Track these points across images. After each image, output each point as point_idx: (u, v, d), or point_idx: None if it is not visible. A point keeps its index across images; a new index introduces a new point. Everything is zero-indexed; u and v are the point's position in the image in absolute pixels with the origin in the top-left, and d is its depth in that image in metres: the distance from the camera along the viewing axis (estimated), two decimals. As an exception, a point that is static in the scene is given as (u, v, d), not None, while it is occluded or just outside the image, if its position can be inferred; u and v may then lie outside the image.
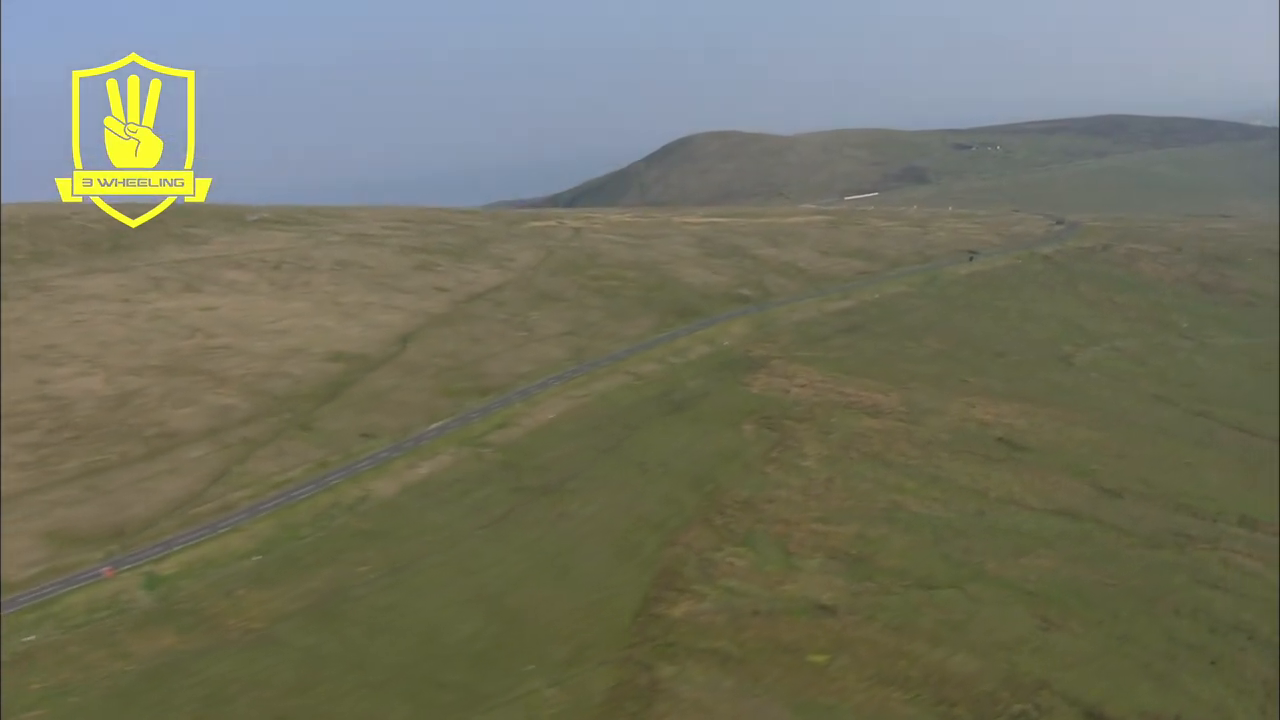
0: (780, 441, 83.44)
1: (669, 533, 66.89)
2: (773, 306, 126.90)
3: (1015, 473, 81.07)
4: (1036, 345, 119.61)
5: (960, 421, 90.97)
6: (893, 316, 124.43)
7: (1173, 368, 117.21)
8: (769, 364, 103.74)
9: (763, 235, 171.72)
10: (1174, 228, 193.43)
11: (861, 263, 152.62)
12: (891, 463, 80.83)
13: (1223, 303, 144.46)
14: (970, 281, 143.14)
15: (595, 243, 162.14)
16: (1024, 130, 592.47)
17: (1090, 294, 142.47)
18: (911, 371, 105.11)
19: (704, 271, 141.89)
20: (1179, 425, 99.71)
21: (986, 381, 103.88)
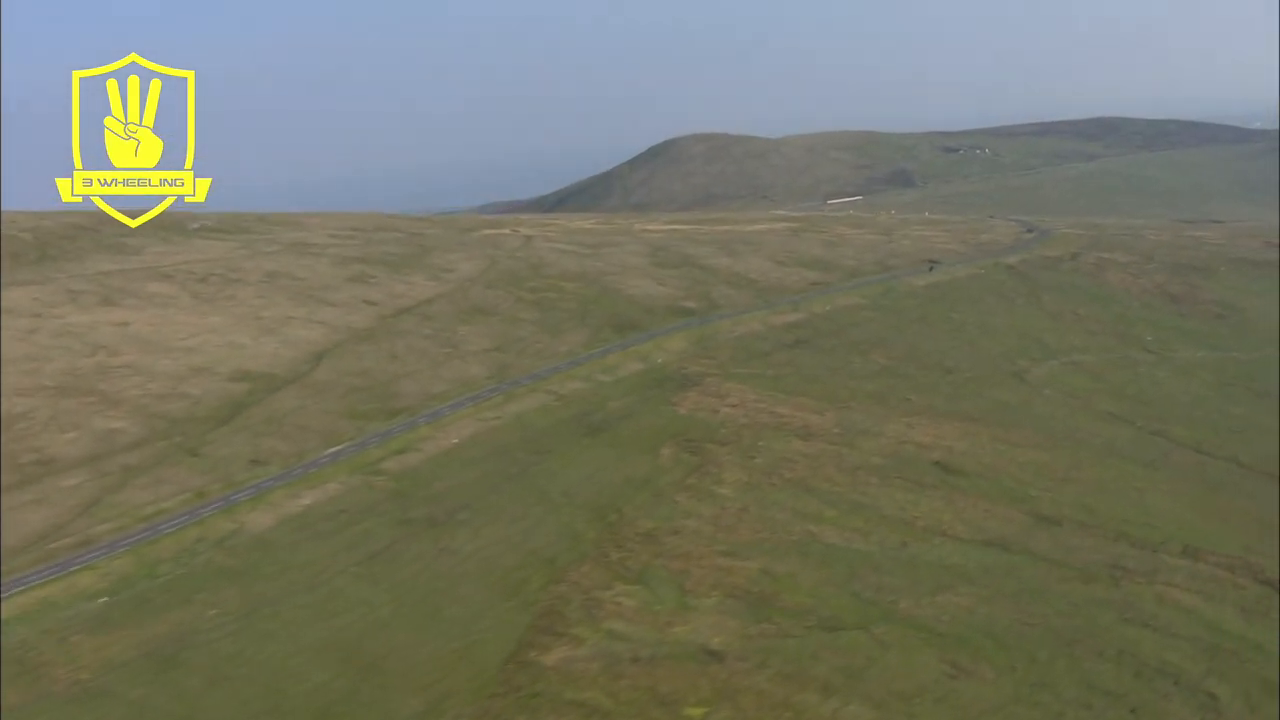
0: (699, 467, 79.86)
1: (558, 569, 63.11)
2: (717, 320, 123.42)
3: (947, 500, 77.53)
4: (989, 360, 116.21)
5: (896, 444, 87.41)
6: (841, 330, 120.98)
7: (1131, 384, 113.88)
8: (702, 382, 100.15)
9: (720, 244, 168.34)
10: (1148, 236, 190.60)
11: (817, 273, 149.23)
12: (815, 490, 77.23)
13: (1190, 315, 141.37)
14: (927, 293, 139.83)
15: (543, 252, 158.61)
16: (1015, 133, 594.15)
17: (1052, 305, 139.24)
18: (853, 389, 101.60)
19: (650, 283, 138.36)
20: (1131, 446, 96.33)
21: (931, 400, 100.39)
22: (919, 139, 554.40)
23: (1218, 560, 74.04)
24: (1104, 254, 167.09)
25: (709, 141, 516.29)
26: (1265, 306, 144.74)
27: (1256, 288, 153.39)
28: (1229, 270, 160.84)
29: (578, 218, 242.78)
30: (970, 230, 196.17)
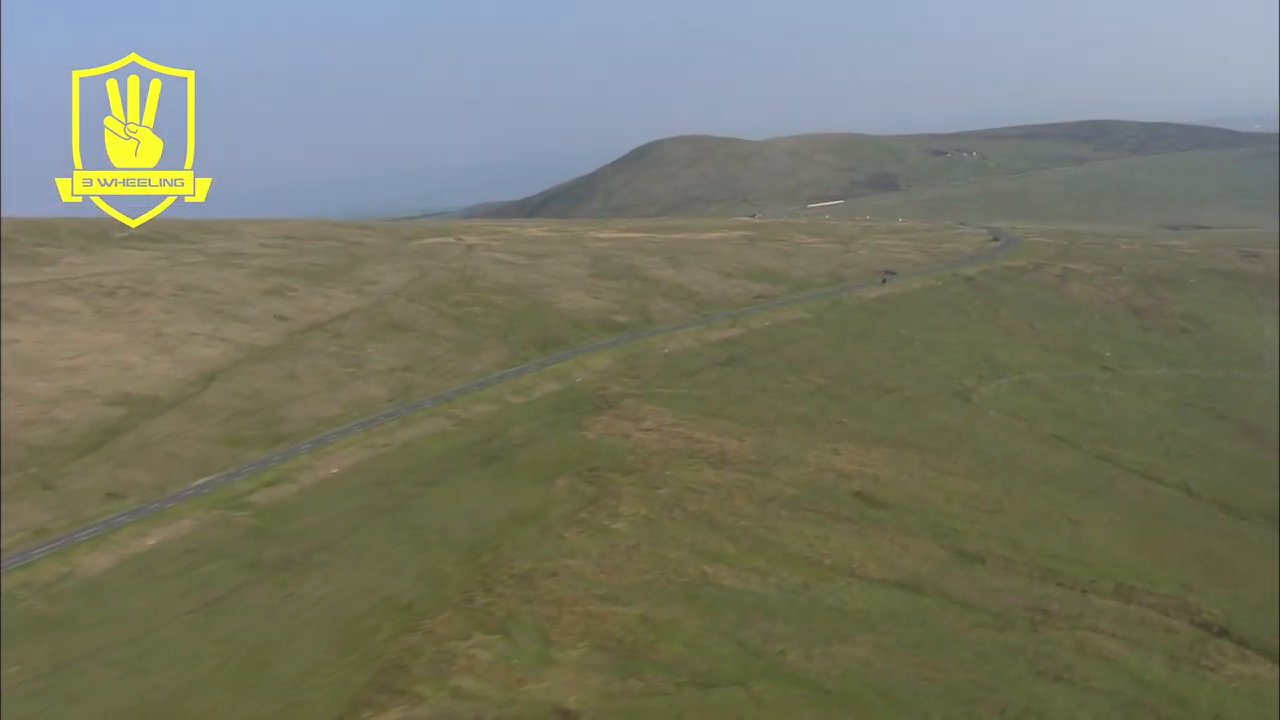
0: (596, 499, 75.53)
1: (413, 617, 58.58)
2: (648, 335, 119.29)
3: (862, 535, 73.32)
4: (933, 379, 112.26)
5: (815, 472, 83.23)
6: (778, 347, 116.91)
7: (1082, 404, 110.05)
8: (620, 404, 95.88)
9: (668, 254, 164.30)
10: (1120, 245, 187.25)
11: (763, 285, 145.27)
12: (718, 524, 72.90)
13: (1155, 329, 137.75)
14: (876, 306, 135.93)
15: (480, 263, 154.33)
16: (1004, 135, 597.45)
17: (1008, 320, 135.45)
18: (781, 412, 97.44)
19: (584, 295, 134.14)
20: (1073, 472, 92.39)
21: (863, 423, 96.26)
22: (906, 141, 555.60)
23: (1152, 600, 70.16)
24: (1070, 264, 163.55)
25: (692, 144, 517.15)
26: (1234, 321, 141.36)
27: (1227, 300, 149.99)
28: (1199, 282, 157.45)
29: (533, 224, 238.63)
30: (934, 239, 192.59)
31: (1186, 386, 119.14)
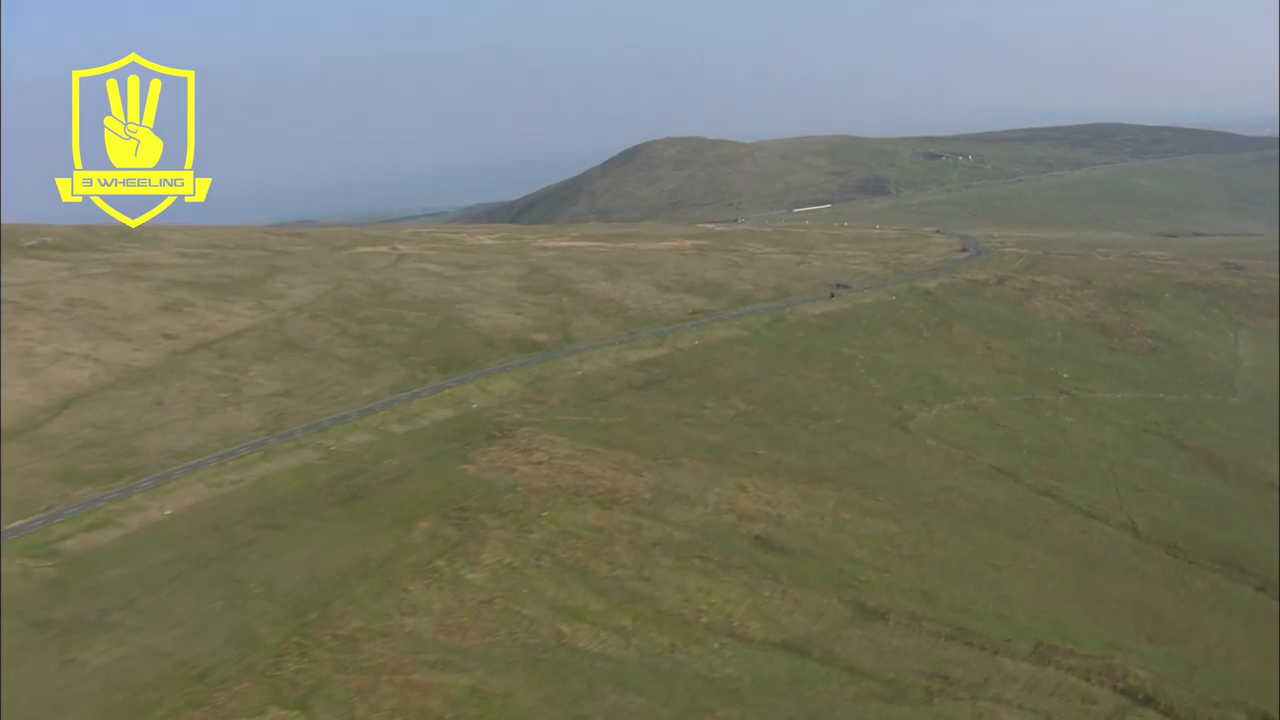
0: (458, 544, 69.66)
1: (206, 688, 52.62)
2: (565, 356, 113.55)
3: (751, 587, 67.57)
4: (869, 405, 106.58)
5: (714, 513, 77.44)
6: (703, 369, 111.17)
7: (1030, 431, 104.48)
8: (514, 433, 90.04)
9: (608, 265, 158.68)
10: (1096, 256, 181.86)
11: (703, 300, 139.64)
12: (590, 574, 67.08)
13: (1120, 348, 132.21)
14: (819, 323, 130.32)
15: (405, 274, 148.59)
16: (1003, 139, 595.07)
17: (963, 338, 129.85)
18: (691, 441, 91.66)
19: (505, 311, 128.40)
20: (1009, 509, 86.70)
21: (781, 455, 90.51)
22: (900, 144, 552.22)
23: (1072, 663, 64.69)
24: (1037, 278, 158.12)
25: (681, 145, 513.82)
26: (1207, 339, 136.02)
27: (1202, 317, 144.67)
28: (1174, 297, 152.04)
29: (483, 230, 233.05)
30: (898, 248, 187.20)
31: (1147, 411, 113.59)
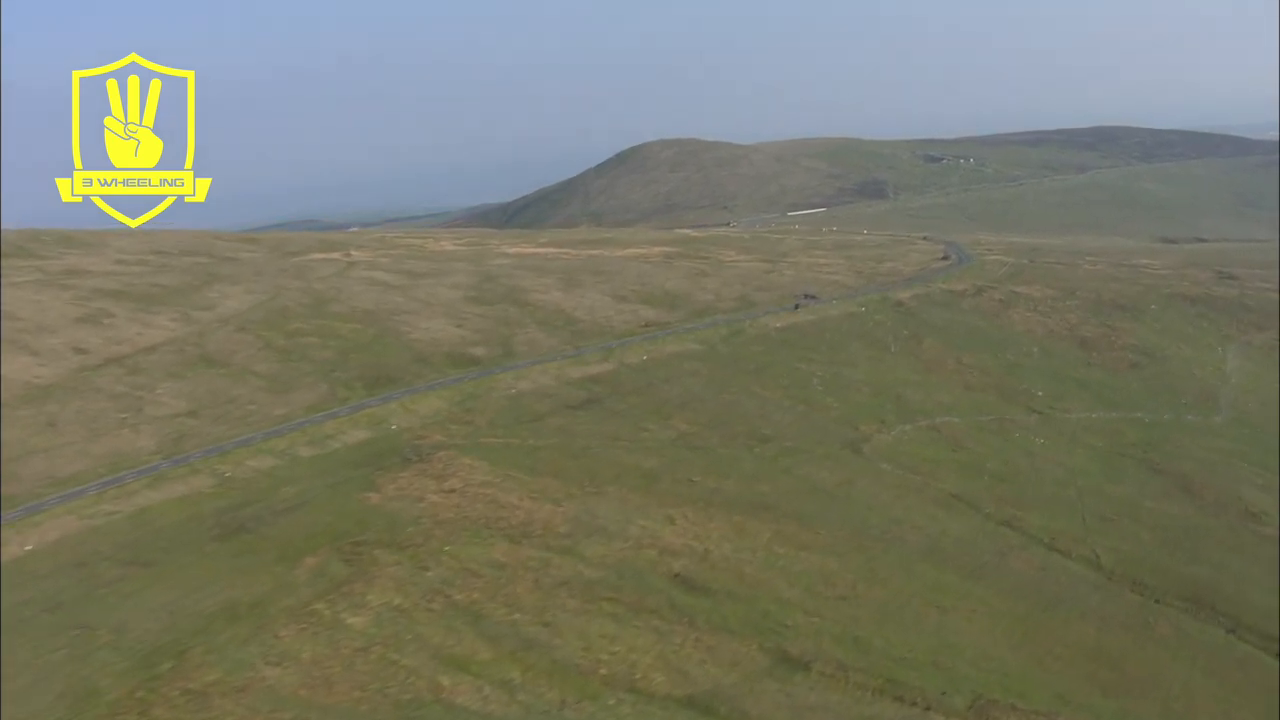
0: (345, 583, 65.02)
1: (20, 758, 47.55)
2: (502, 372, 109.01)
3: (663, 633, 62.90)
4: (824, 425, 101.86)
5: (635, 548, 72.77)
6: (648, 387, 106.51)
7: (996, 454, 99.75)
8: (432, 457, 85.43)
9: (566, 273, 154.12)
10: (1082, 265, 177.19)
11: (659, 311, 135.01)
12: (484, 619, 62.39)
13: (1099, 364, 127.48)
14: (780, 337, 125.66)
15: (351, 283, 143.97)
16: (1007, 141, 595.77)
17: (932, 353, 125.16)
18: (624, 467, 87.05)
19: (446, 324, 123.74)
20: (963, 542, 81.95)
21: (718, 482, 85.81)
22: (900, 146, 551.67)
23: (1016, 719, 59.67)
24: (1017, 288, 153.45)
25: (677, 147, 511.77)
26: (1192, 354, 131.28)
27: (1188, 330, 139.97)
28: (1161, 309, 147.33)
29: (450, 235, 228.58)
30: (876, 256, 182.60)
31: (1124, 432, 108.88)
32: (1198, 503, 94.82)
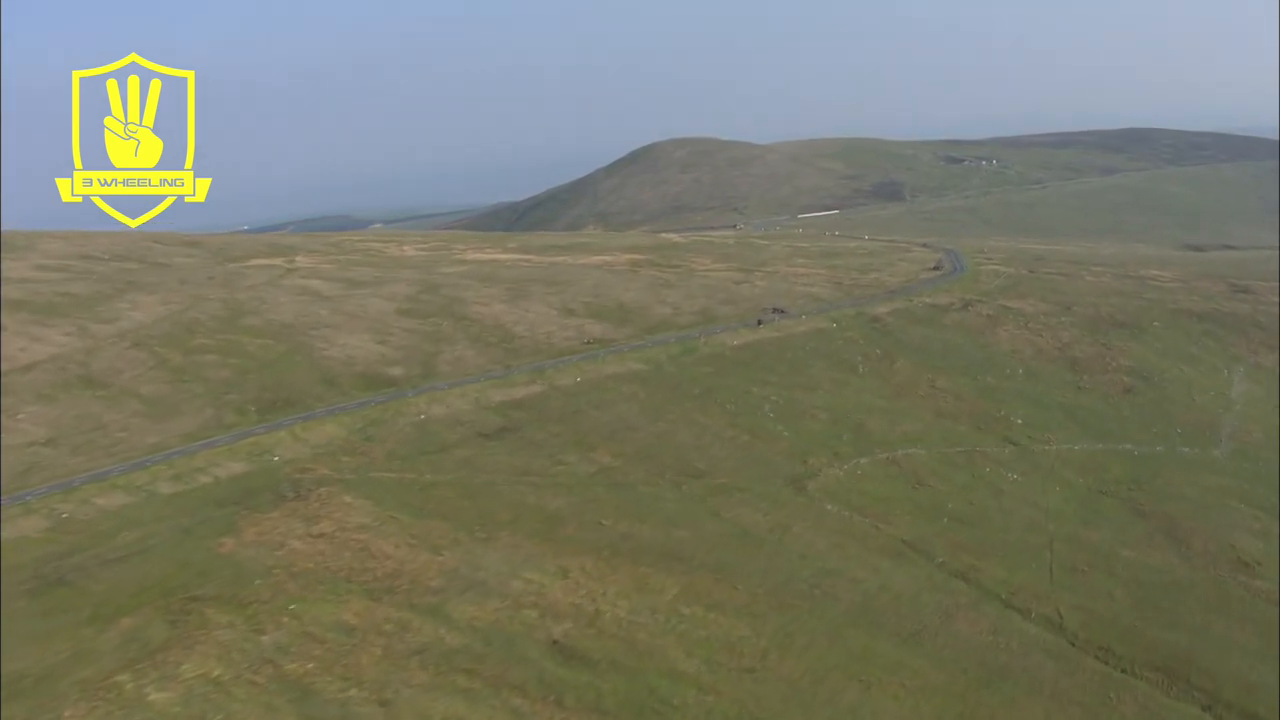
0: (161, 649, 58.27)
1: None
2: (417, 394, 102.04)
3: (519, 717, 55.22)
4: (768, 458, 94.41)
5: (512, 608, 65.53)
6: (575, 413, 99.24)
7: (959, 493, 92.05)
8: (312, 494, 78.57)
9: (517, 283, 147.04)
10: (1085, 276, 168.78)
11: (608, 326, 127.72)
12: (313, 694, 55.31)
13: (1090, 387, 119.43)
14: (736, 356, 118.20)
15: (279, 293, 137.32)
16: (1031, 143, 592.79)
17: (904, 374, 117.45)
18: (527, 508, 79.81)
19: (368, 339, 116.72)
20: (903, 601, 74.35)
21: (633, 526, 78.47)
22: (920, 147, 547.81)
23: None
24: (1010, 302, 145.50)
25: (690, 146, 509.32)
26: (1195, 377, 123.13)
27: (1193, 350, 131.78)
28: (1164, 325, 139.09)
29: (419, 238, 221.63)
30: (862, 266, 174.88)
31: (1109, 467, 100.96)
32: (1183, 551, 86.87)
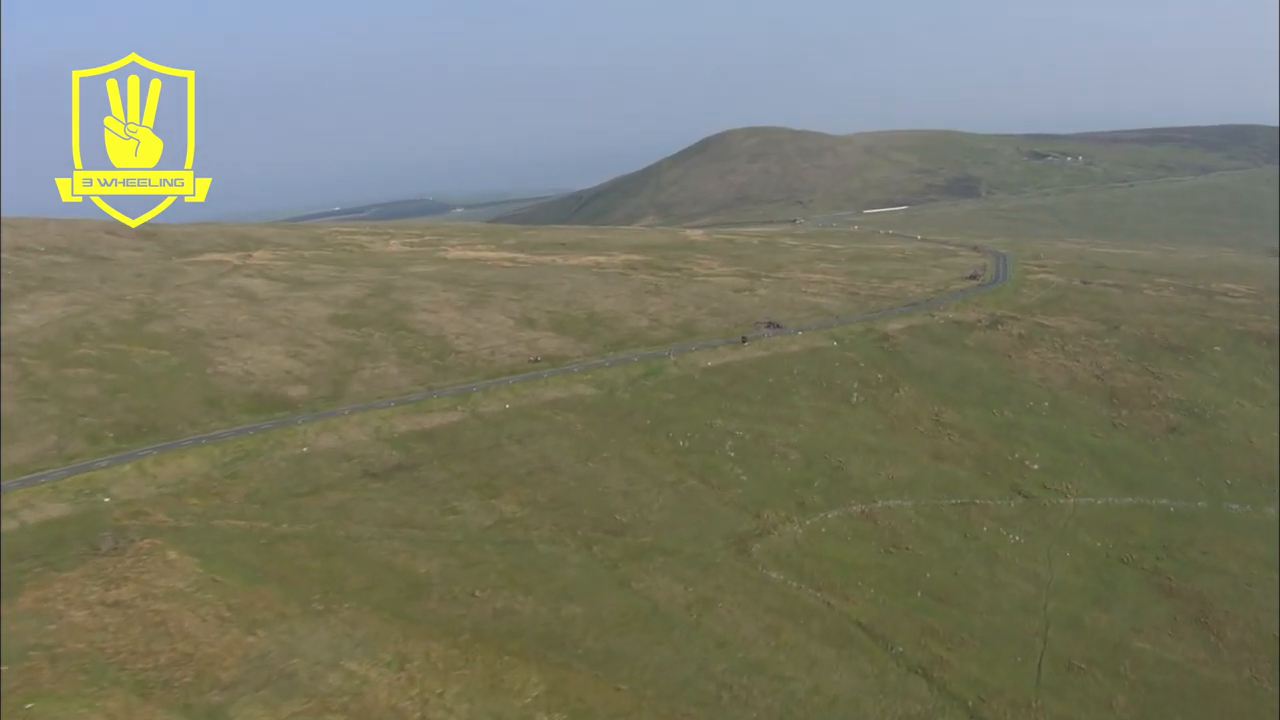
0: None
1: None
2: (310, 420, 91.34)
3: None
4: (712, 511, 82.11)
5: (317, 711, 53.84)
6: (492, 448, 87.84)
7: (943, 560, 79.07)
8: (130, 548, 68.58)
9: (482, 286, 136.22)
10: (1144, 290, 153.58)
11: (568, 341, 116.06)
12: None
13: (1128, 424, 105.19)
14: (705, 380, 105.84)
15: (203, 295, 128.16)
16: (1123, 139, 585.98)
17: (906, 406, 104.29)
18: (389, 571, 68.42)
19: (278, 352, 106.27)
20: (838, 708, 61.51)
21: (513, 599, 66.74)
22: (1001, 141, 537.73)
23: None
24: (1048, 319, 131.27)
25: (760, 136, 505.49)
26: (1256, 414, 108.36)
27: (1257, 380, 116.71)
28: (1226, 350, 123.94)
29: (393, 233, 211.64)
30: (890, 272, 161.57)
31: (1136, 528, 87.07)
32: (1212, 643, 73.02)
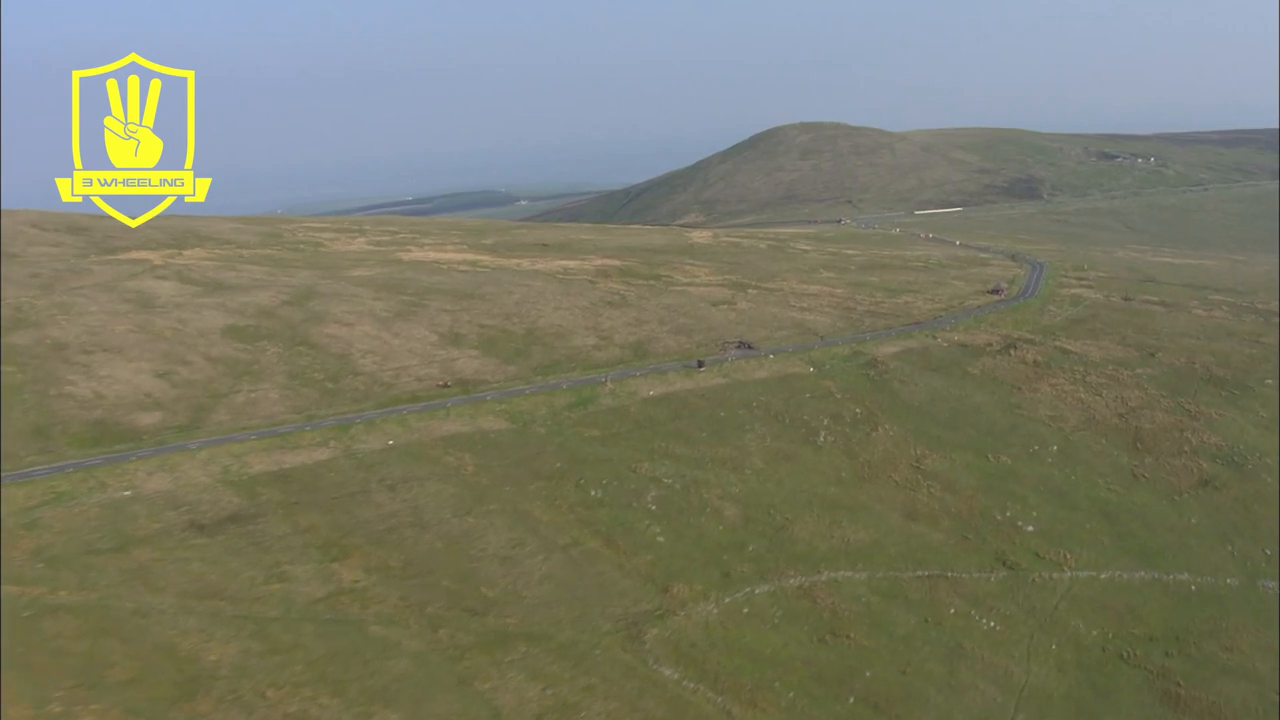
0: None
1: None
2: (146, 456, 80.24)
3: None
4: (608, 583, 69.71)
5: None
6: (353, 496, 75.92)
7: (891, 654, 65.93)
8: None
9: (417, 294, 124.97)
10: (1193, 308, 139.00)
11: (492, 361, 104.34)
12: None
13: (1151, 476, 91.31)
14: (640, 413, 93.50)
15: (96, 300, 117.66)
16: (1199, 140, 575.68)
17: (882, 449, 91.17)
18: (171, 659, 57.00)
19: (142, 370, 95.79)
20: None
21: (314, 704, 55.00)
22: (1068, 141, 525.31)
23: None
24: (1071, 343, 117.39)
25: (814, 132, 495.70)
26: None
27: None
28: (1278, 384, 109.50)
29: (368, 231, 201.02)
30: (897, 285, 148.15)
31: (1146, 612, 73.41)
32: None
